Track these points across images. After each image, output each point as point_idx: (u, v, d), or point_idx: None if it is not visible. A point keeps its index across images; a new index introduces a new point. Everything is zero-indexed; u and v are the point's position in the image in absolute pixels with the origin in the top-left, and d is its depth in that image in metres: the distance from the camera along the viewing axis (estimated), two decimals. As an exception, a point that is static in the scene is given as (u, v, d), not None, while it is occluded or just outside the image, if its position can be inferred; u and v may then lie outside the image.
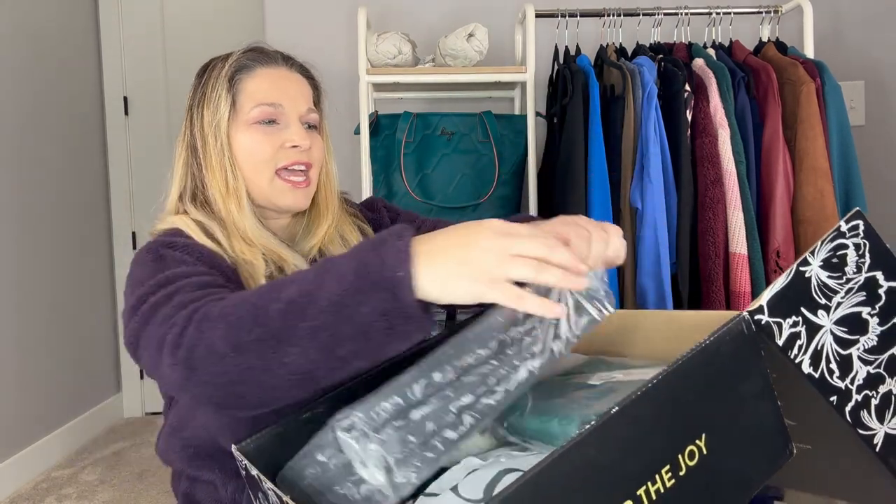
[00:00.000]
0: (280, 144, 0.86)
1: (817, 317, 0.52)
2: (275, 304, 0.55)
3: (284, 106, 0.86)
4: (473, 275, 0.51)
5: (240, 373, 0.56)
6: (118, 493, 2.05)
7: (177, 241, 0.78)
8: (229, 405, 0.59)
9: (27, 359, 2.21)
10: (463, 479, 0.56)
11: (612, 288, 1.46)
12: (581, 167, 1.49)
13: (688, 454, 0.46)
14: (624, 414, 0.44)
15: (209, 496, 0.82)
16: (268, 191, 0.86)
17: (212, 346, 0.56)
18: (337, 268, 0.54)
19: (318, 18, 2.14)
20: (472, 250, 0.52)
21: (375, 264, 0.52)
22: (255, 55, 0.89)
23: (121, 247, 2.81)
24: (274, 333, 0.54)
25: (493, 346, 0.56)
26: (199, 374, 0.57)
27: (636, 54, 1.66)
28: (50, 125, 2.39)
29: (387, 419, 0.52)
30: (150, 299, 0.66)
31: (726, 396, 0.49)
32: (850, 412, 0.52)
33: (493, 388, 0.54)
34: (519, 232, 0.53)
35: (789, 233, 1.48)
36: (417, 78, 1.69)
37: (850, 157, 1.53)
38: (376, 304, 0.52)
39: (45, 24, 2.38)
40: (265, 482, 0.58)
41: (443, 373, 0.54)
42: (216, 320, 0.57)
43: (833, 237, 0.54)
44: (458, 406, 0.53)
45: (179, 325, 0.59)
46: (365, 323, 0.52)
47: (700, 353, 0.48)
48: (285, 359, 0.54)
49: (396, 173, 1.72)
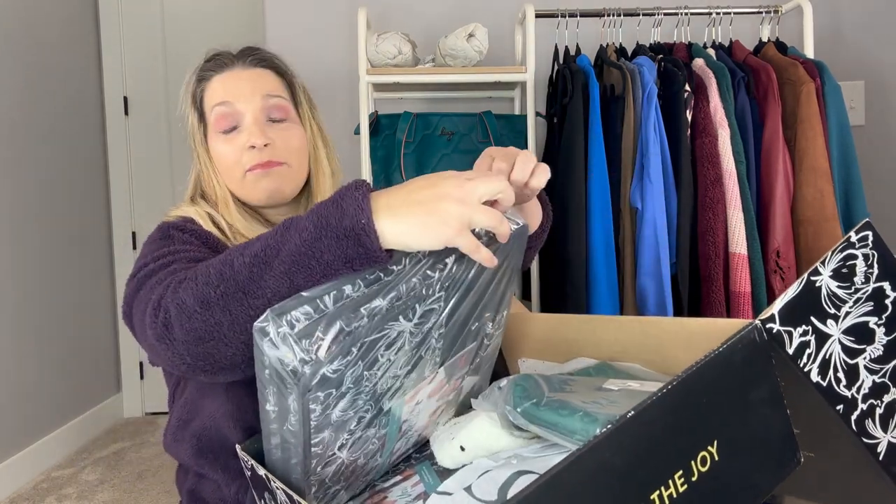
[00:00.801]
0: (242, 147, 0.87)
1: (826, 326, 0.53)
2: (239, 259, 0.58)
3: (236, 104, 0.87)
4: (444, 222, 0.55)
5: (208, 329, 0.58)
6: (118, 493, 2.05)
7: (185, 226, 0.82)
8: (201, 366, 0.60)
9: (27, 359, 2.21)
10: (476, 480, 0.56)
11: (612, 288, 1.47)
12: (581, 167, 1.49)
13: (700, 460, 0.47)
14: (639, 419, 0.44)
15: (213, 494, 0.82)
16: (244, 188, 0.89)
17: (182, 305, 0.59)
18: (299, 223, 0.57)
19: (318, 18, 2.14)
20: (440, 200, 0.55)
21: (335, 216, 0.55)
22: (211, 64, 0.91)
23: (121, 247, 2.81)
24: (240, 286, 0.57)
25: (404, 262, 0.57)
26: (173, 332, 0.59)
27: (636, 54, 1.66)
28: (50, 125, 2.39)
29: (298, 323, 0.52)
30: (149, 265, 0.71)
31: (738, 404, 0.49)
32: (855, 421, 0.52)
33: (406, 294, 0.56)
34: (473, 177, 0.57)
35: (789, 233, 1.48)
36: (417, 78, 1.69)
37: (850, 157, 1.53)
38: (339, 251, 0.55)
39: (46, 25, 2.38)
40: (273, 481, 0.59)
41: (353, 285, 0.55)
42: (188, 281, 0.60)
43: (843, 247, 0.54)
44: (369, 308, 0.54)
45: (161, 290, 0.63)
46: (328, 271, 0.55)
47: (713, 360, 0.48)
48: (251, 311, 0.57)
49: (396, 173, 1.72)
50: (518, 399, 0.59)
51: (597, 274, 1.47)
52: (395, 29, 1.90)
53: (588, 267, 1.48)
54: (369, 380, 0.56)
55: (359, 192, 0.56)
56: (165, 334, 0.60)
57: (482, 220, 0.56)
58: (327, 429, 0.56)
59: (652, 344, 0.68)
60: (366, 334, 0.54)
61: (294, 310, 0.52)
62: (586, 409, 0.54)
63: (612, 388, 0.61)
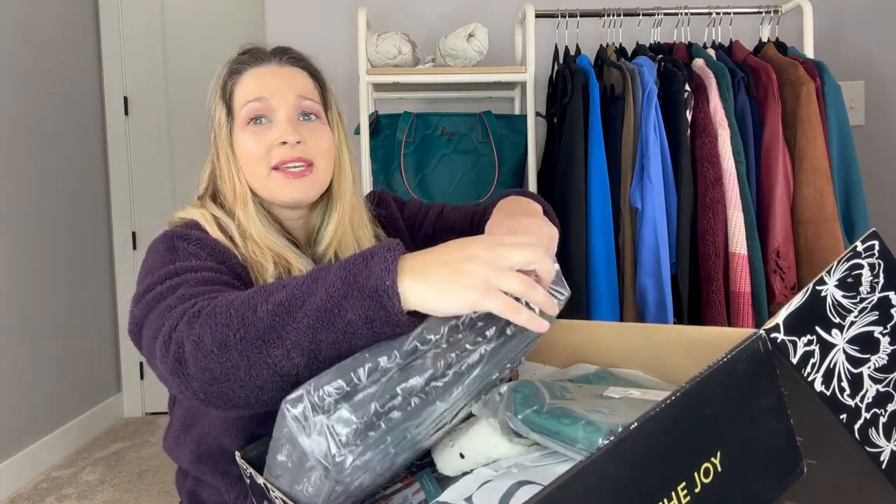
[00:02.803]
0: (271, 142, 0.85)
1: (831, 335, 0.53)
2: (263, 306, 0.57)
3: (271, 100, 0.86)
4: (468, 283, 0.53)
5: (224, 371, 0.57)
6: (118, 493, 2.05)
7: (191, 234, 0.79)
8: (214, 403, 0.60)
9: (27, 359, 2.21)
10: (476, 491, 0.55)
11: (612, 288, 1.47)
12: (581, 167, 1.49)
13: (703, 471, 0.46)
14: (642, 430, 0.44)
15: (213, 498, 0.82)
16: (267, 187, 0.86)
17: (199, 343, 0.58)
18: (327, 276, 0.57)
19: (318, 18, 2.14)
20: (467, 262, 0.54)
21: (363, 274, 0.54)
22: (246, 57, 0.89)
23: (121, 247, 2.81)
24: (260, 334, 0.56)
25: (442, 331, 0.56)
26: (187, 368, 0.58)
27: (636, 54, 1.66)
28: (50, 125, 2.39)
29: (331, 402, 0.51)
30: (156, 289, 0.68)
31: (742, 414, 0.49)
32: (858, 430, 0.53)
33: (443, 371, 0.53)
34: (508, 243, 0.56)
35: (789, 233, 1.48)
36: (417, 78, 1.69)
37: (849, 157, 1.53)
38: (361, 311, 0.54)
39: (46, 25, 2.38)
40: (272, 490, 0.59)
41: (389, 357, 0.54)
42: (206, 317, 0.59)
43: (849, 257, 0.54)
44: (405, 388, 0.53)
45: (173, 320, 0.61)
46: (349, 330, 0.55)
47: (718, 370, 0.48)
48: (269, 359, 0.56)
49: (396, 173, 1.72)
50: (518, 406, 0.59)
51: (597, 274, 1.47)
52: (395, 29, 1.90)
53: (588, 267, 1.48)
54: (395, 448, 0.55)
55: (390, 253, 0.55)
56: (179, 369, 0.59)
57: (510, 285, 0.54)
58: (344, 482, 0.55)
59: (654, 351, 0.68)
60: (401, 421, 0.53)
61: (328, 385, 0.51)
62: (588, 418, 0.54)
63: (613, 395, 0.61)
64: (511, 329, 0.59)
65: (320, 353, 0.56)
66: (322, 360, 0.56)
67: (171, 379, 0.60)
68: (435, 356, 0.55)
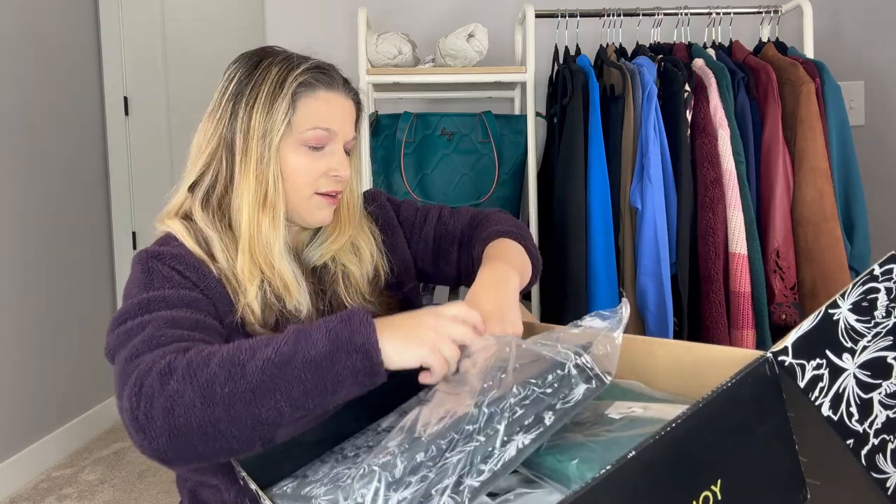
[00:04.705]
0: (324, 171, 0.86)
1: (842, 360, 0.52)
2: (251, 362, 0.62)
3: (337, 133, 0.87)
4: (421, 342, 0.64)
5: (201, 423, 0.61)
6: (118, 493, 2.05)
7: (164, 252, 0.79)
8: (174, 458, 0.63)
9: (27, 359, 2.21)
10: None
11: (611, 288, 1.47)
12: (581, 167, 1.49)
13: (702, 500, 0.45)
14: (638, 460, 0.43)
15: (214, 496, 0.82)
16: (303, 207, 0.86)
17: (177, 399, 0.61)
18: (310, 335, 0.64)
19: (318, 18, 2.14)
20: (420, 327, 0.66)
21: (347, 332, 0.63)
22: (319, 75, 0.86)
23: (121, 247, 2.81)
24: (251, 387, 0.61)
25: (480, 419, 0.54)
26: (155, 425, 0.61)
27: (636, 54, 1.66)
28: (50, 125, 2.39)
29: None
30: (127, 322, 0.72)
31: (744, 440, 0.48)
32: (865, 455, 0.51)
33: (478, 466, 0.52)
34: (452, 317, 0.67)
35: (789, 233, 1.48)
36: (417, 78, 1.69)
37: (849, 157, 1.53)
38: (349, 364, 0.62)
39: (46, 25, 2.38)
40: (264, 500, 0.59)
41: (426, 452, 0.53)
42: (184, 374, 0.62)
43: (865, 280, 0.53)
44: (439, 488, 0.51)
45: (142, 372, 0.64)
46: (336, 380, 0.62)
47: (720, 396, 0.46)
48: (255, 410, 0.61)
49: (396, 173, 1.72)
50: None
51: (597, 274, 1.47)
52: (395, 29, 1.90)
53: (588, 267, 1.48)
54: None
55: (364, 315, 0.65)
56: (147, 425, 0.61)
57: (448, 350, 0.65)
58: None
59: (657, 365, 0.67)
60: None
61: None
62: (581, 455, 0.52)
63: (614, 416, 0.59)
64: (548, 417, 0.55)
65: (307, 401, 0.62)
66: (308, 406, 0.63)
67: (135, 434, 0.62)
68: (470, 450, 0.53)
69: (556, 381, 0.56)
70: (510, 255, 0.89)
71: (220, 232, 0.82)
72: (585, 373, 0.57)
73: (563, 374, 0.57)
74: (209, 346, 0.66)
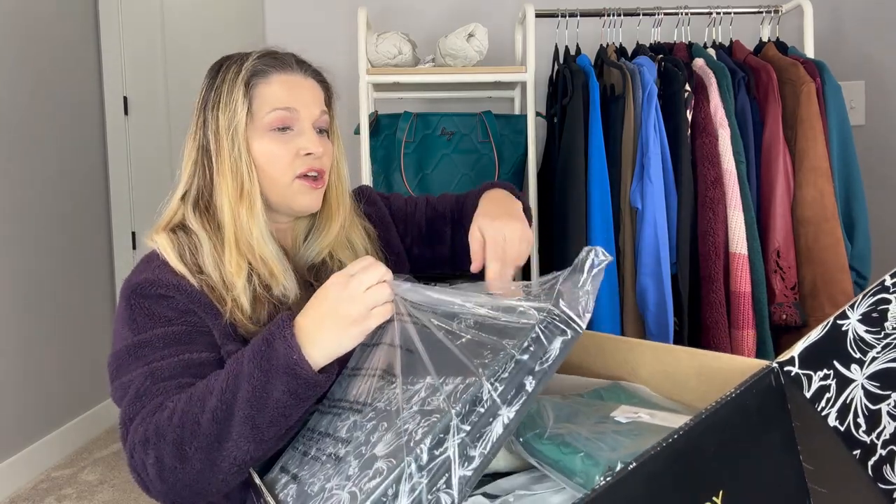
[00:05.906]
0: (296, 152, 0.86)
1: (850, 371, 0.51)
2: (203, 415, 0.67)
3: (300, 111, 0.87)
4: (349, 320, 0.65)
5: (187, 476, 0.68)
6: (118, 493, 2.05)
7: (145, 282, 0.80)
8: (175, 499, 0.71)
9: (27, 359, 2.21)
10: None
11: (612, 288, 1.46)
12: (581, 167, 1.49)
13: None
14: (640, 471, 0.42)
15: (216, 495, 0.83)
16: (287, 193, 0.87)
17: (160, 463, 0.68)
18: (243, 369, 0.67)
19: (318, 18, 2.14)
20: (337, 305, 0.66)
21: (271, 357, 0.65)
22: (270, 60, 0.88)
23: (121, 247, 2.81)
24: (212, 439, 0.66)
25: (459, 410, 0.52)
26: (154, 484, 0.70)
27: (636, 54, 1.66)
28: (50, 125, 2.39)
29: None
30: (120, 374, 0.78)
31: (747, 452, 0.47)
32: (872, 466, 0.51)
33: (468, 455, 0.50)
34: (354, 272, 0.67)
35: (789, 233, 1.48)
36: (417, 78, 1.69)
37: (850, 157, 1.52)
38: (284, 387, 0.65)
39: (45, 24, 2.38)
40: (266, 494, 0.59)
41: (416, 461, 0.51)
42: (157, 441, 0.68)
43: (875, 291, 0.53)
44: (435, 489, 0.50)
45: (133, 437, 0.71)
46: (279, 405, 0.65)
47: (724, 407, 0.46)
48: (224, 452, 0.67)
49: (396, 173, 1.72)
50: (521, 428, 0.58)
51: (597, 274, 1.46)
52: (395, 29, 1.90)
53: (588, 267, 1.47)
54: None
55: (286, 330, 0.66)
56: (148, 484, 0.70)
57: (374, 299, 0.66)
58: None
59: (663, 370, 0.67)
60: None
61: None
62: (588, 450, 0.52)
63: (620, 419, 0.59)
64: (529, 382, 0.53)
65: (263, 434, 0.66)
66: (267, 437, 0.67)
67: (139, 482, 0.72)
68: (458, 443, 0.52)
69: (530, 344, 0.53)
70: (503, 195, 0.94)
71: (209, 232, 0.84)
72: (555, 324, 0.54)
73: (534, 334, 0.54)
74: (173, 402, 0.71)
